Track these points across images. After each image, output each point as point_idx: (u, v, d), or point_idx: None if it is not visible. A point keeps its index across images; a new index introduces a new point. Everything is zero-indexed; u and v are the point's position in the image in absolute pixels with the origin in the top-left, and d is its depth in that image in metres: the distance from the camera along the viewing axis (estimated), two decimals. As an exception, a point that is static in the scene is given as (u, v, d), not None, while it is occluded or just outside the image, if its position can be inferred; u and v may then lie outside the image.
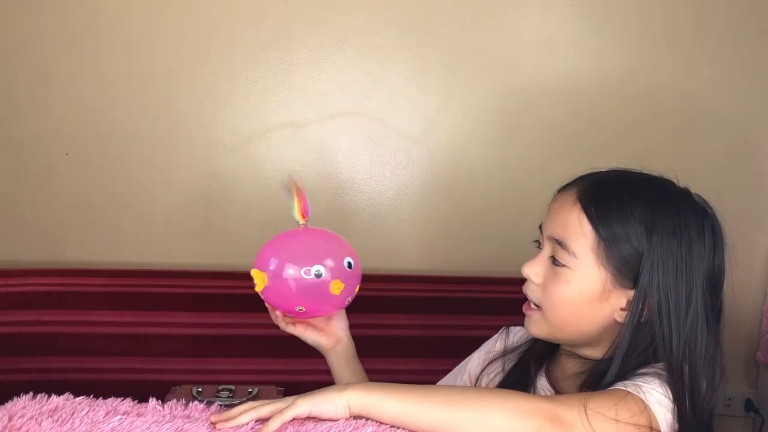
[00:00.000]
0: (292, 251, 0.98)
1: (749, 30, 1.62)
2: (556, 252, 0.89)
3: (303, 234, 1.00)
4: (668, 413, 0.81)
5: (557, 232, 0.90)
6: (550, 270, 0.90)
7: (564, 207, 0.90)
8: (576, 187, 0.92)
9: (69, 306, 1.54)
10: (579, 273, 0.88)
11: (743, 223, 1.67)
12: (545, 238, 0.92)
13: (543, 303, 0.91)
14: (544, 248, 0.92)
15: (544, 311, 0.91)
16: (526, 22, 1.62)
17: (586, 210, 0.88)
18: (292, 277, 0.95)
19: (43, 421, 0.72)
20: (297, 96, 1.63)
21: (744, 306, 1.70)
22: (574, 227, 0.88)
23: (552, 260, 0.90)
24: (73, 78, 1.61)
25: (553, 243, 0.90)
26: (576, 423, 0.76)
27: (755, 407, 1.70)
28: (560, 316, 0.91)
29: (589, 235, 0.87)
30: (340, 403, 0.77)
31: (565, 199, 0.91)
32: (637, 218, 0.87)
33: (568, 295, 0.89)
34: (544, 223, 0.93)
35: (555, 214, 0.91)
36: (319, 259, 0.95)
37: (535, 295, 0.92)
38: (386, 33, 1.61)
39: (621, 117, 1.64)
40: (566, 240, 0.88)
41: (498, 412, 0.75)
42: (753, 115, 1.64)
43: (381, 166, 1.66)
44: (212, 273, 1.61)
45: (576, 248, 0.88)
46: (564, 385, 0.96)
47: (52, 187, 1.64)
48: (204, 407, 0.80)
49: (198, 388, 1.46)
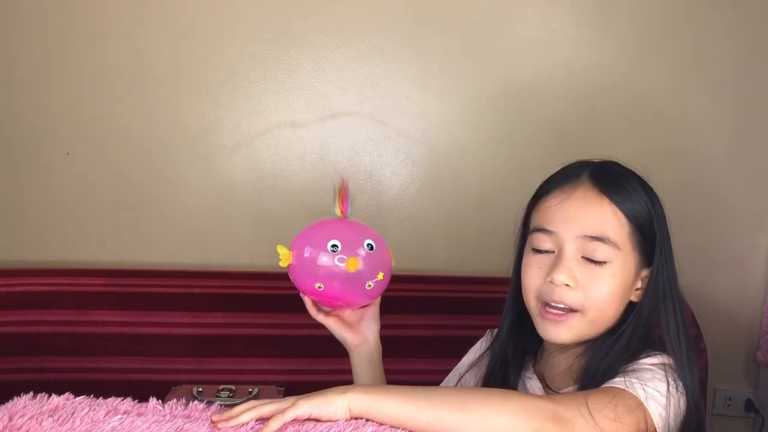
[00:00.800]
0: (317, 231, 1.01)
1: (748, 30, 1.62)
2: (593, 251, 0.89)
3: (334, 221, 1.04)
4: (661, 408, 0.82)
5: (594, 230, 0.89)
6: (585, 270, 0.89)
7: (590, 203, 0.90)
8: (586, 181, 0.92)
9: (69, 306, 1.54)
10: (621, 264, 0.89)
11: (743, 223, 1.68)
12: (569, 239, 0.90)
13: (586, 304, 0.89)
14: (566, 250, 0.90)
15: (587, 312, 0.89)
16: (527, 22, 1.62)
17: (615, 201, 0.90)
18: (310, 249, 0.98)
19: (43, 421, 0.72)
20: (297, 96, 1.63)
21: (744, 306, 1.70)
22: (610, 219, 0.89)
23: (584, 260, 0.89)
24: (73, 78, 1.61)
25: (587, 242, 0.89)
26: (576, 421, 0.76)
27: (755, 407, 1.70)
28: (606, 314, 0.91)
29: (626, 224, 0.90)
30: (340, 405, 0.77)
31: (583, 195, 0.91)
32: (646, 200, 0.92)
33: (614, 289, 0.90)
34: (557, 224, 0.91)
35: (580, 211, 0.90)
36: (338, 236, 0.98)
37: (576, 300, 0.89)
38: (386, 33, 1.61)
39: (621, 117, 1.64)
40: (607, 234, 0.89)
41: (498, 413, 0.76)
42: (753, 115, 1.64)
43: (381, 166, 1.66)
44: (212, 273, 1.61)
45: (618, 240, 0.89)
46: (558, 382, 0.96)
47: (52, 187, 1.64)
48: (204, 407, 0.80)
49: (198, 388, 1.46)
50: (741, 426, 1.75)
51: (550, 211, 0.92)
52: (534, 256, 0.93)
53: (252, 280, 1.60)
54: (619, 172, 0.94)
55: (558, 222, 0.91)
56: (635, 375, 0.84)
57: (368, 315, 1.07)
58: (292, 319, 1.54)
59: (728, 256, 1.68)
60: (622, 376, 0.84)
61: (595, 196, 0.90)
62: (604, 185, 0.91)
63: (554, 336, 0.92)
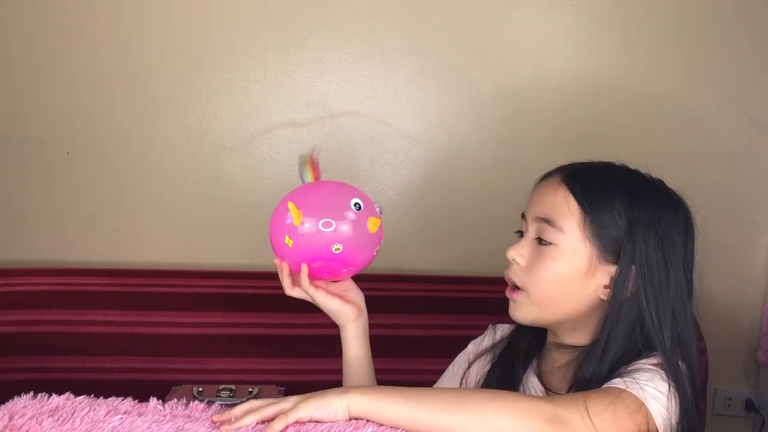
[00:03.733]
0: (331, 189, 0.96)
1: (750, 31, 1.62)
2: (542, 231, 0.93)
3: (330, 182, 0.98)
4: (663, 408, 0.82)
5: (543, 212, 0.93)
6: (536, 251, 0.93)
7: (549, 189, 0.95)
8: (559, 172, 0.96)
9: (69, 306, 1.54)
10: (566, 249, 0.91)
11: (743, 223, 1.68)
12: (530, 221, 0.95)
13: (528, 283, 0.93)
14: (528, 232, 0.95)
15: (530, 291, 0.93)
16: (527, 21, 1.62)
17: (571, 189, 0.92)
18: (331, 207, 0.92)
19: (43, 421, 0.72)
20: (297, 96, 1.63)
21: (744, 306, 1.70)
22: (561, 205, 0.92)
23: (538, 241, 0.93)
24: (74, 77, 1.61)
25: (538, 223, 0.93)
26: (576, 423, 0.76)
27: (756, 407, 1.70)
28: (546, 294, 0.92)
29: (576, 212, 0.91)
30: (340, 407, 0.78)
31: (550, 182, 0.95)
32: (620, 195, 0.91)
33: (554, 272, 0.91)
34: (528, 208, 0.97)
35: (540, 196, 0.95)
36: (357, 195, 0.94)
37: (519, 277, 0.94)
38: (387, 33, 1.61)
39: (621, 117, 1.64)
40: (553, 217, 0.92)
41: (497, 414, 0.76)
42: (753, 115, 1.64)
43: (381, 165, 1.66)
44: (212, 273, 1.61)
45: (563, 224, 0.91)
46: (553, 378, 0.97)
47: (52, 186, 1.64)
48: (204, 407, 0.80)
49: (198, 388, 1.46)
50: (741, 426, 1.75)
51: (529, 198, 0.98)
52: (516, 238, 0.99)
53: (252, 280, 1.60)
54: (597, 171, 0.95)
55: (529, 207, 0.97)
56: (635, 375, 0.84)
57: (351, 285, 1.05)
58: (292, 319, 1.54)
59: (728, 256, 1.68)
60: (623, 375, 0.84)
61: (555, 185, 0.94)
62: (570, 177, 0.94)
63: (512, 314, 0.97)
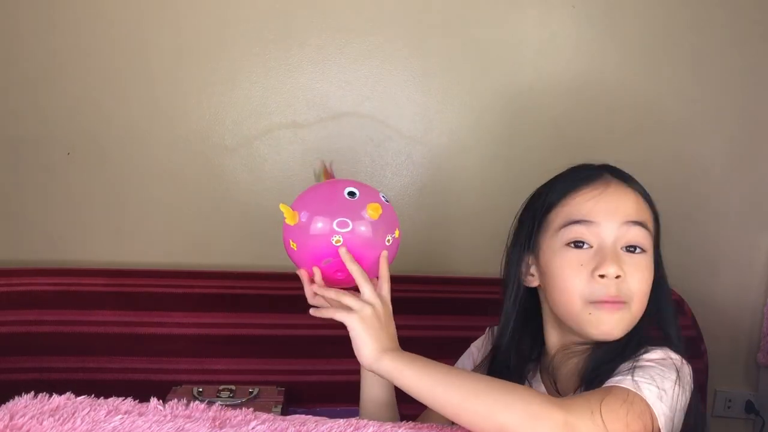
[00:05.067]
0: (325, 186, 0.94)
1: (750, 32, 1.62)
2: (636, 238, 0.88)
3: (334, 180, 0.98)
4: (666, 408, 0.81)
5: (635, 215, 0.89)
6: (627, 260, 0.88)
7: (627, 193, 0.91)
8: (610, 176, 0.93)
9: (69, 306, 1.54)
10: (650, 255, 0.90)
11: (743, 223, 1.68)
12: (611, 229, 0.88)
13: (633, 296, 0.87)
14: (609, 242, 0.88)
15: (632, 303, 0.88)
16: (527, 22, 1.62)
17: (641, 193, 0.93)
18: (324, 200, 0.88)
19: (44, 421, 0.72)
20: (298, 96, 1.63)
21: (744, 307, 1.70)
22: (645, 208, 0.92)
23: (624, 251, 0.88)
24: (74, 78, 1.61)
25: (627, 228, 0.88)
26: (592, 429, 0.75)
27: (756, 409, 1.70)
28: (644, 305, 0.90)
29: (652, 217, 0.93)
30: (370, 356, 0.83)
31: (618, 188, 0.91)
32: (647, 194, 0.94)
33: (650, 283, 0.90)
34: (603, 215, 0.88)
35: (620, 201, 0.90)
36: (353, 185, 0.91)
37: (625, 291, 0.87)
38: (387, 34, 1.61)
39: (621, 118, 1.64)
40: (645, 221, 0.90)
41: (506, 410, 0.75)
42: (753, 115, 1.64)
43: (382, 166, 1.66)
44: (212, 273, 1.61)
45: (651, 227, 0.91)
46: (566, 385, 0.95)
47: (53, 187, 1.64)
48: (205, 407, 0.80)
49: (199, 388, 1.46)
50: (741, 427, 1.75)
51: (589, 204, 0.89)
52: (572, 253, 0.89)
53: (252, 280, 1.60)
54: (630, 175, 0.96)
55: (599, 213, 0.89)
56: (642, 373, 0.83)
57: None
58: (292, 319, 1.54)
59: (729, 257, 1.68)
60: (630, 374, 0.83)
61: (630, 189, 0.92)
62: (629, 180, 0.94)
63: (611, 329, 0.87)
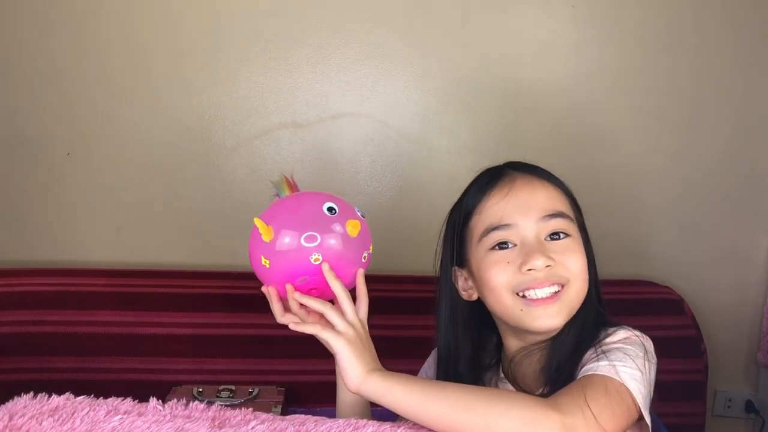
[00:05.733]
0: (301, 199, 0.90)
1: (750, 31, 1.62)
2: (558, 226, 0.90)
3: (307, 193, 0.92)
4: (641, 386, 0.83)
5: (550, 208, 0.91)
6: (554, 247, 0.90)
7: (535, 187, 0.93)
8: (516, 173, 0.95)
9: (69, 306, 1.54)
10: (576, 236, 0.92)
11: (743, 223, 1.68)
12: (531, 223, 0.90)
13: (571, 276, 0.89)
14: (530, 237, 0.90)
15: (572, 284, 0.89)
16: (527, 23, 1.62)
17: (553, 182, 0.94)
18: (303, 215, 0.85)
19: (43, 421, 0.72)
20: (298, 96, 1.63)
21: (744, 306, 1.70)
22: (558, 196, 0.93)
23: (550, 240, 0.90)
24: (75, 78, 1.61)
25: (547, 221, 0.90)
26: (585, 429, 0.75)
27: (756, 408, 1.70)
28: (584, 286, 0.91)
29: (566, 201, 0.94)
30: (356, 379, 0.81)
31: (525, 184, 0.93)
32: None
33: (583, 260, 0.91)
34: (517, 214, 0.91)
35: (531, 197, 0.92)
36: (331, 200, 0.86)
37: (561, 274, 0.89)
38: (387, 34, 1.61)
39: (621, 117, 1.64)
40: (561, 209, 0.92)
41: (503, 418, 0.75)
42: (753, 115, 1.64)
43: (382, 166, 1.66)
44: (212, 273, 1.61)
45: (570, 214, 0.93)
46: (530, 384, 0.94)
47: (53, 187, 1.64)
48: (204, 407, 0.80)
49: (198, 389, 1.46)
50: (741, 427, 1.75)
51: (500, 207, 0.92)
52: (497, 254, 0.91)
53: (252, 281, 1.57)
54: (531, 163, 0.97)
55: (513, 214, 0.91)
56: (614, 356, 0.83)
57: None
58: (293, 319, 1.54)
59: (728, 257, 1.68)
60: (604, 359, 0.83)
61: (537, 182, 0.93)
62: (535, 172, 0.95)
63: (549, 323, 0.89)
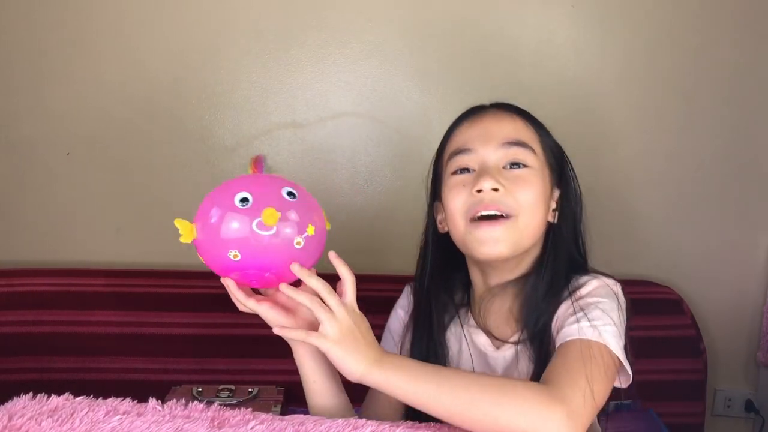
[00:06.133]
0: (221, 190, 0.86)
1: (750, 31, 1.62)
2: (516, 155, 0.91)
3: (243, 177, 0.87)
4: (620, 339, 0.84)
5: (512, 136, 0.91)
6: (510, 175, 0.90)
7: (503, 118, 0.94)
8: (495, 107, 0.97)
9: (69, 306, 1.54)
10: (537, 171, 0.92)
11: (743, 223, 1.67)
12: (492, 149, 0.91)
13: (517, 207, 0.89)
14: (487, 161, 0.90)
15: (519, 217, 0.89)
16: (527, 22, 1.62)
17: (525, 117, 0.95)
18: (217, 210, 0.82)
19: (43, 421, 0.72)
20: (297, 96, 1.63)
21: (744, 306, 1.70)
22: (525, 129, 0.94)
23: (507, 168, 0.90)
24: (75, 79, 1.61)
25: (507, 148, 0.90)
26: (583, 410, 0.76)
27: (755, 408, 1.70)
28: (534, 220, 0.91)
29: (536, 138, 0.94)
30: (357, 371, 0.78)
31: (495, 114, 0.95)
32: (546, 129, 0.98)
33: (538, 194, 0.91)
34: (479, 139, 0.92)
35: (495, 125, 0.93)
36: (247, 188, 0.82)
37: (506, 203, 0.88)
38: (387, 34, 1.61)
39: (621, 117, 1.64)
40: (525, 139, 0.92)
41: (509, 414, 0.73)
42: (752, 115, 1.64)
43: (381, 166, 1.66)
44: (212, 273, 1.60)
45: (534, 146, 0.93)
46: (502, 329, 0.94)
47: (53, 187, 1.64)
48: (203, 407, 0.80)
49: (198, 388, 1.46)
50: (741, 426, 1.75)
51: (465, 134, 0.94)
52: (456, 178, 0.92)
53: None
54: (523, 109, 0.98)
55: (475, 140, 0.92)
56: (593, 315, 0.83)
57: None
58: (292, 319, 1.54)
59: (728, 257, 1.68)
60: (584, 319, 0.83)
61: (506, 114, 0.95)
62: (511, 108, 0.97)
63: (491, 248, 0.89)
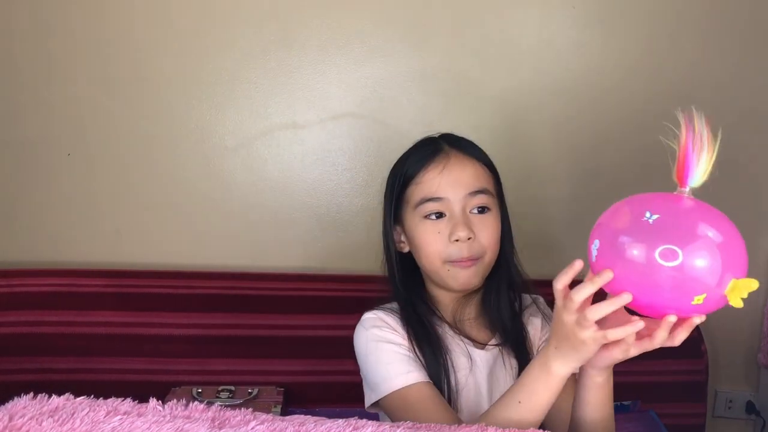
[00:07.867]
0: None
1: (750, 31, 1.62)
2: (482, 201, 1.04)
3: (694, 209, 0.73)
4: None
5: (476, 185, 1.04)
6: (475, 221, 1.03)
7: (466, 165, 1.05)
8: (450, 150, 1.06)
9: (69, 306, 1.54)
10: (495, 211, 1.06)
11: (743, 223, 1.66)
12: (459, 199, 1.03)
13: (483, 251, 1.03)
14: (457, 210, 1.02)
15: (485, 257, 1.04)
16: (528, 23, 1.62)
17: (480, 159, 1.07)
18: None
19: (43, 421, 0.72)
20: (298, 97, 1.63)
21: (744, 307, 1.68)
22: (485, 176, 1.06)
23: (472, 214, 1.03)
24: (75, 79, 1.61)
25: (473, 197, 1.03)
26: None
27: (756, 409, 1.70)
28: (494, 255, 1.06)
29: (491, 176, 1.08)
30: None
31: (457, 161, 1.05)
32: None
33: (497, 233, 1.06)
34: (446, 189, 1.03)
35: (459, 173, 1.04)
36: None
37: (477, 250, 1.02)
38: (387, 34, 1.61)
39: (621, 117, 1.64)
40: (485, 186, 1.05)
41: None
42: (751, 115, 1.64)
43: (381, 167, 1.65)
44: (213, 274, 1.61)
45: (492, 189, 1.07)
46: (476, 332, 1.08)
47: (53, 187, 1.64)
48: (204, 407, 0.80)
49: (198, 389, 1.46)
50: (742, 428, 1.75)
51: (434, 181, 1.04)
52: (430, 224, 1.04)
53: (252, 281, 1.60)
54: (464, 138, 1.11)
55: (446, 188, 1.04)
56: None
57: None
58: (292, 319, 1.54)
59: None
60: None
61: (469, 161, 1.06)
62: (467, 150, 1.08)
63: (467, 281, 1.04)
